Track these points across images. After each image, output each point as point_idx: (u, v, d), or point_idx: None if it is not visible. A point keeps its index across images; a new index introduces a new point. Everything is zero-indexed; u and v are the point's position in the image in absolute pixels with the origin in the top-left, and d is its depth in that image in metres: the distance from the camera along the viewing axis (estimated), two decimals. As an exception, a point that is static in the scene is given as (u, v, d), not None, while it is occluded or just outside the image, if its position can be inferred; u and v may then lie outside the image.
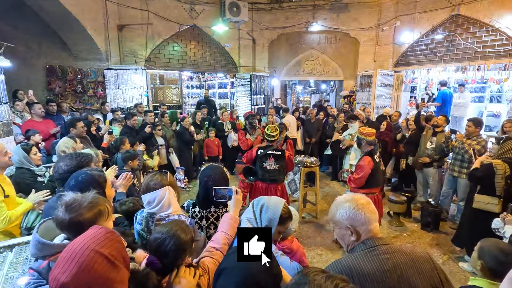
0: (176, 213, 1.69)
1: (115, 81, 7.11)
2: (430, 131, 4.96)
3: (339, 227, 1.26)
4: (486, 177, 3.11)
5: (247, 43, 9.68)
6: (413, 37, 8.14)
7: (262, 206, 1.56)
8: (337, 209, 1.27)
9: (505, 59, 6.37)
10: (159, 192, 1.66)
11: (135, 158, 3.39)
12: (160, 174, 1.73)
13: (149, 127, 4.95)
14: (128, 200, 1.99)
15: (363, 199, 1.26)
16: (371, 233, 1.21)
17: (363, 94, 8.83)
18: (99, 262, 0.91)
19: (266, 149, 3.82)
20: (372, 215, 1.22)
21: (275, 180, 3.80)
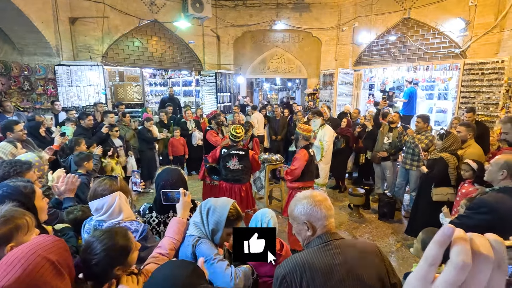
0: (128, 219, 1.62)
1: (68, 78, 6.61)
2: (386, 127, 5.28)
3: (297, 223, 1.31)
4: (442, 170, 3.37)
5: (211, 40, 9.53)
6: (370, 38, 8.58)
7: (208, 209, 1.55)
8: (295, 205, 1.31)
9: (449, 60, 6.97)
10: (108, 199, 1.57)
11: (90, 159, 3.19)
12: (109, 179, 1.64)
13: (106, 127, 4.67)
14: (76, 208, 1.86)
15: (320, 195, 1.31)
16: (326, 228, 1.26)
17: (325, 92, 9.16)
18: (46, 267, 0.89)
19: (230, 148, 3.80)
20: (328, 211, 1.27)
21: (239, 180, 3.80)
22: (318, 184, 5.15)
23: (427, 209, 3.60)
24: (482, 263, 0.30)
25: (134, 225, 1.62)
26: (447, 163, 3.29)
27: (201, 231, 1.56)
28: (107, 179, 1.64)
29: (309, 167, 3.61)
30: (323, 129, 5.27)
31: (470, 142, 3.56)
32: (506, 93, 5.80)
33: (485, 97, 6.09)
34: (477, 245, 0.31)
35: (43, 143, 4.06)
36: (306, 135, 3.68)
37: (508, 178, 1.93)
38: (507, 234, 1.91)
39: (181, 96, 10.61)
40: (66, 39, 6.77)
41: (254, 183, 5.09)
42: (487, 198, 1.98)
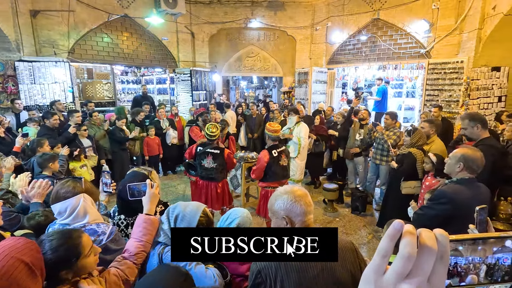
0: (95, 222, 1.56)
1: (30, 75, 6.19)
2: (357, 124, 5.47)
3: (276, 217, 1.31)
4: (411, 165, 3.52)
5: (186, 37, 9.35)
6: (342, 37, 8.84)
7: (177, 216, 1.47)
8: (275, 199, 1.32)
9: (415, 60, 7.35)
10: (71, 201, 1.50)
11: (55, 160, 3.02)
12: (72, 181, 1.56)
13: (73, 127, 4.44)
14: (38, 213, 1.76)
15: (300, 191, 1.31)
16: (304, 224, 1.27)
17: (300, 90, 9.31)
18: (20, 269, 0.87)
19: (205, 147, 3.78)
20: (307, 208, 1.28)
21: (213, 178, 3.79)
22: (294, 180, 5.24)
23: (396, 202, 3.77)
24: (427, 254, 0.32)
25: (101, 227, 1.56)
26: (415, 157, 3.48)
27: (168, 238, 1.48)
28: (70, 180, 1.57)
29: (271, 168, 3.60)
30: (298, 126, 5.37)
31: (434, 138, 3.79)
32: (466, 91, 6.22)
33: (447, 95, 6.50)
34: (423, 238, 0.33)
35: (3, 145, 3.80)
36: (272, 136, 3.70)
37: (464, 170, 2.07)
38: (464, 222, 2.05)
39: (155, 94, 10.31)
40: (27, 33, 6.33)
41: (230, 181, 5.08)
42: (446, 189, 2.12)
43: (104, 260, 1.39)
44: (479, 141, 2.78)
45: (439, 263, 0.33)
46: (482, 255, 0.37)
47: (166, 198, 5.62)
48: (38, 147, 3.46)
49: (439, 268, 0.33)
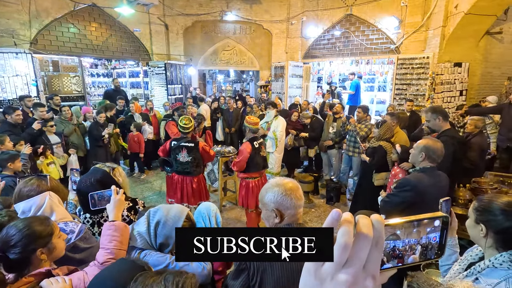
0: (62, 221, 1.51)
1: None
2: (331, 117, 5.62)
3: (266, 209, 1.32)
4: (382, 157, 3.68)
5: (159, 29, 9.05)
6: (317, 32, 8.98)
7: (158, 222, 1.40)
8: (266, 191, 1.32)
9: (385, 55, 7.64)
10: (36, 200, 1.44)
11: (15, 159, 2.85)
12: (36, 179, 1.50)
13: (38, 123, 4.18)
14: (1, 213, 1.67)
15: (291, 183, 1.32)
16: (294, 217, 1.29)
17: (277, 84, 9.38)
18: None
19: (180, 141, 3.73)
20: (298, 201, 1.29)
21: (189, 172, 3.77)
22: (272, 173, 5.32)
23: (368, 192, 3.94)
24: (362, 242, 0.33)
25: (70, 226, 1.51)
26: (385, 150, 3.64)
27: (146, 242, 1.41)
28: (34, 178, 1.50)
29: (253, 159, 3.74)
30: (276, 120, 5.43)
31: (397, 129, 3.99)
32: (431, 85, 6.58)
33: (414, 89, 6.85)
34: (359, 226, 0.34)
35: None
36: (253, 128, 3.83)
37: (426, 160, 2.22)
38: (425, 207, 2.21)
39: (128, 88, 9.94)
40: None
41: (208, 176, 5.06)
42: (410, 177, 2.26)
43: (73, 259, 1.36)
44: (441, 132, 2.98)
45: (374, 249, 0.34)
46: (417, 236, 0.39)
47: (142, 195, 5.50)
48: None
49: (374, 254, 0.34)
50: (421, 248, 0.40)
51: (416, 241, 0.39)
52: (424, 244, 0.40)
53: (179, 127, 3.78)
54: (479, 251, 1.29)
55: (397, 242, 0.39)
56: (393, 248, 0.39)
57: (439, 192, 2.31)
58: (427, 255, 0.40)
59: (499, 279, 1.07)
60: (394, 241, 0.38)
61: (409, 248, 0.39)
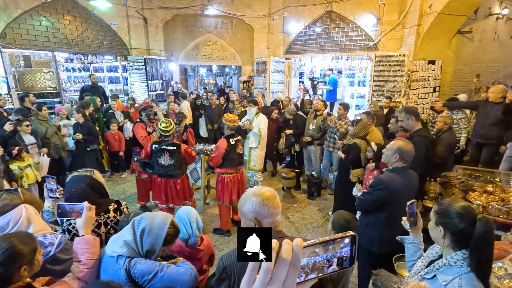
0: (41, 233, 1.50)
1: (-48, 64, 5.39)
2: (313, 114, 5.74)
3: (245, 218, 1.36)
4: (356, 154, 3.82)
5: (138, 23, 8.79)
6: (298, 28, 9.03)
7: (143, 230, 1.43)
8: (245, 202, 1.35)
9: (364, 52, 7.83)
10: (12, 214, 1.42)
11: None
12: (7, 193, 1.47)
13: (10, 123, 4.01)
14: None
15: (268, 192, 1.35)
16: (272, 225, 1.34)
17: (259, 79, 9.41)
18: None
19: (161, 144, 3.70)
20: (274, 210, 1.33)
21: (172, 175, 3.76)
22: (254, 170, 5.39)
23: (346, 187, 4.10)
24: (282, 264, 0.42)
25: (49, 238, 1.50)
26: (359, 147, 3.80)
27: (132, 250, 1.43)
28: (5, 193, 1.47)
29: (229, 155, 3.89)
30: (258, 117, 5.47)
31: (372, 128, 4.16)
32: (407, 82, 6.84)
33: (391, 86, 7.09)
34: (281, 251, 0.42)
35: None
36: (230, 125, 3.95)
37: (399, 161, 2.35)
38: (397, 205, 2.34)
39: (106, 83, 9.61)
40: None
41: (190, 175, 5.06)
42: (383, 177, 2.39)
43: (54, 271, 1.36)
44: (414, 132, 3.14)
45: (292, 269, 0.42)
46: (333, 251, 0.49)
47: (123, 195, 5.43)
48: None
49: (291, 273, 0.42)
50: (337, 260, 0.49)
51: (332, 255, 0.49)
52: (339, 256, 0.49)
53: (159, 130, 3.73)
54: (439, 249, 1.41)
55: (317, 257, 0.48)
56: (314, 262, 0.48)
57: (409, 191, 2.46)
58: (343, 264, 0.50)
59: (453, 276, 1.19)
60: (315, 257, 0.47)
61: (327, 261, 0.49)
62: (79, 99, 7.29)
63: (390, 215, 2.44)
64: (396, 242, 2.52)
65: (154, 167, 3.76)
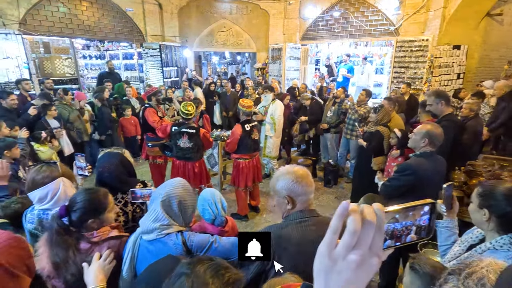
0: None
1: (-24, 49, 5.54)
2: (331, 101, 5.62)
3: (278, 196, 1.36)
4: (379, 142, 3.72)
5: (153, 9, 8.74)
6: (316, 13, 8.77)
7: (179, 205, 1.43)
8: (278, 179, 1.35)
9: (384, 37, 7.55)
10: (51, 186, 1.46)
11: (12, 147, 2.80)
12: (47, 166, 1.51)
13: (34, 108, 4.11)
14: (13, 201, 1.68)
15: (301, 171, 1.35)
16: (306, 203, 1.33)
17: (274, 66, 9.26)
18: None
19: (180, 126, 3.73)
20: (308, 188, 1.32)
21: (190, 158, 3.80)
22: (270, 157, 5.38)
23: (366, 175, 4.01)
24: (368, 228, 0.40)
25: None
26: (383, 135, 3.69)
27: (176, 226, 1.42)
28: (44, 166, 1.51)
29: (243, 141, 3.89)
30: (274, 104, 5.40)
31: (393, 114, 4.03)
32: (429, 68, 6.57)
33: (412, 72, 6.83)
34: (365, 214, 0.40)
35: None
36: (246, 111, 3.94)
37: (428, 145, 2.27)
38: (425, 190, 2.27)
39: (122, 70, 9.70)
40: (-33, 1, 5.58)
41: (207, 160, 5.09)
42: (410, 162, 2.32)
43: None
44: (442, 116, 3.01)
45: (377, 233, 0.40)
46: (413, 219, 0.46)
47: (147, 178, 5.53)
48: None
49: (377, 237, 0.40)
50: (416, 228, 0.47)
51: (411, 223, 0.46)
52: (418, 225, 0.47)
53: (180, 113, 3.76)
54: (479, 233, 1.36)
55: (396, 224, 0.45)
56: (393, 229, 0.45)
57: (437, 176, 2.39)
58: (421, 234, 0.47)
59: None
60: (394, 224, 0.45)
61: (405, 229, 0.46)
62: (97, 85, 7.39)
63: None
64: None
65: (173, 150, 3.79)
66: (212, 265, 0.75)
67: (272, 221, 4.25)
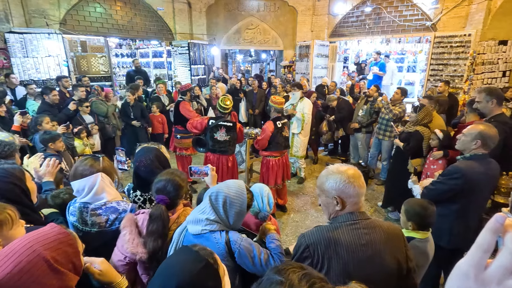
0: (115, 200, 1.56)
1: (22, 48, 5.91)
2: (363, 100, 5.41)
3: (326, 196, 1.27)
4: (418, 143, 3.49)
5: (182, 7, 8.90)
6: (346, 9, 8.50)
7: (224, 203, 1.39)
8: (327, 178, 1.26)
9: (420, 33, 7.15)
10: (89, 180, 1.49)
11: (56, 140, 2.95)
12: (91, 159, 1.54)
13: (73, 103, 4.31)
14: (62, 191, 1.75)
15: (352, 170, 1.26)
16: (356, 206, 1.24)
17: (301, 64, 9.10)
18: (38, 266, 0.83)
19: (218, 119, 3.78)
20: (361, 189, 1.23)
21: (225, 151, 3.85)
22: (297, 157, 5.28)
23: (400, 178, 3.80)
24: None
25: (122, 205, 1.57)
26: (422, 136, 3.46)
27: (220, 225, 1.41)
28: (89, 158, 1.54)
29: (275, 138, 3.83)
30: (302, 101, 5.30)
31: (434, 114, 3.77)
32: (471, 65, 6.13)
33: (451, 70, 6.41)
34: None
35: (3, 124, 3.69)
36: (277, 108, 3.88)
37: (480, 147, 2.08)
38: (474, 196, 2.08)
39: (151, 68, 9.98)
40: (15, 2, 5.96)
41: (235, 157, 5.09)
42: (459, 165, 2.14)
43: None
44: (491, 117, 2.77)
45: None
46: None
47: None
48: (37, 125, 3.38)
49: None
50: None
51: None
52: None
53: (218, 106, 3.81)
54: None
55: None
56: None
57: (490, 181, 2.20)
58: None
59: None
60: None
61: None
62: (126, 83, 7.63)
63: (465, 207, 2.20)
64: (468, 236, 2.29)
65: (207, 144, 3.84)
66: (306, 275, 0.69)
67: (300, 221, 4.16)
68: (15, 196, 1.39)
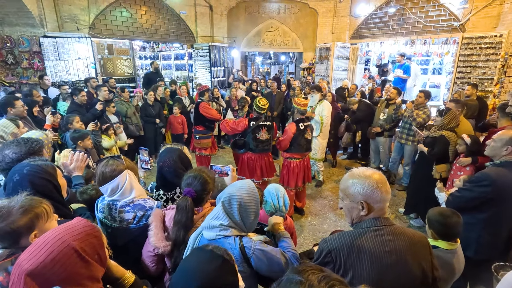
0: (141, 197, 1.62)
1: (55, 51, 6.27)
2: (384, 103, 5.29)
3: (350, 200, 1.25)
4: (443, 148, 3.35)
5: (204, 11, 9.09)
6: (368, 10, 8.33)
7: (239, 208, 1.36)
8: (353, 182, 1.23)
9: (447, 34, 6.88)
10: (121, 178, 1.55)
11: (85, 138, 3.10)
12: (113, 160, 1.59)
13: (100, 103, 4.51)
14: (89, 188, 1.84)
15: (378, 175, 1.23)
16: (381, 211, 1.23)
17: (322, 66, 9.01)
18: (69, 255, 0.90)
19: (257, 120, 3.92)
20: (387, 195, 1.21)
21: (268, 149, 4.06)
22: (316, 159, 5.23)
23: (423, 184, 3.67)
24: None
25: (148, 202, 1.63)
26: (448, 141, 3.32)
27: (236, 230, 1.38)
28: (111, 160, 1.60)
29: (297, 140, 3.86)
30: (321, 104, 5.25)
31: (461, 118, 3.61)
32: (502, 68, 5.83)
33: (481, 72, 6.12)
34: None
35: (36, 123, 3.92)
36: (301, 109, 3.92)
37: (511, 154, 1.99)
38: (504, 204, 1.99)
39: (173, 70, 10.26)
40: (49, 8, 6.34)
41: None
42: (489, 172, 2.05)
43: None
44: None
45: None
46: None
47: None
48: (68, 124, 3.56)
49: None
50: None
51: None
52: None
53: (255, 107, 3.94)
54: None
55: None
56: None
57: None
58: None
59: None
60: None
61: None
62: (143, 84, 7.81)
63: (494, 216, 2.11)
64: (497, 247, 2.18)
65: (247, 145, 3.97)
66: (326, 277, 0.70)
67: (318, 224, 4.12)
68: (48, 191, 1.47)
